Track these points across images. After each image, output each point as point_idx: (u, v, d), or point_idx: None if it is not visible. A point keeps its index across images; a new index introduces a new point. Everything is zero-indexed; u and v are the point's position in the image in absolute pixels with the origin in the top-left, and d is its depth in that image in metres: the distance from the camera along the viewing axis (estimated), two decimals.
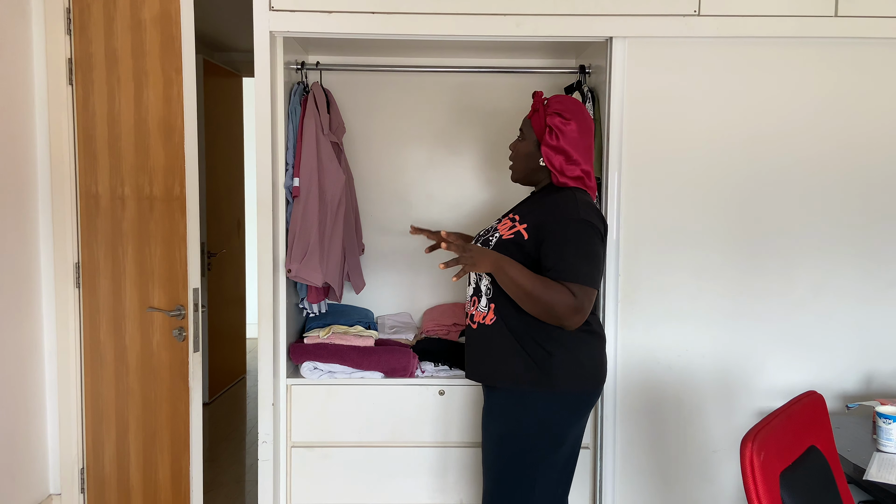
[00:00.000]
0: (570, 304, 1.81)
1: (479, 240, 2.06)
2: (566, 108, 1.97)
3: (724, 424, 2.50)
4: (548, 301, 1.81)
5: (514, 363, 1.93)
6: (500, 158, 2.94)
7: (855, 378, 2.50)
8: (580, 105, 2.01)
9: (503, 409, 1.97)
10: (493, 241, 1.98)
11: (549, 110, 1.97)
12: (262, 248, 2.41)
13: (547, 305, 1.82)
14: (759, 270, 2.46)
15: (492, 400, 2.02)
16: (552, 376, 1.90)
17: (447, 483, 2.57)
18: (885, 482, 1.82)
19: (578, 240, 1.86)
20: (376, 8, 2.32)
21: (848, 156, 2.44)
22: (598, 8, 2.33)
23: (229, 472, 3.49)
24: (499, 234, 1.98)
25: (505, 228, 1.98)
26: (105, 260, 2.60)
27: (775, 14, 2.34)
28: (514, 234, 1.94)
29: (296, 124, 2.50)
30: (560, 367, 1.91)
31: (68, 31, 2.55)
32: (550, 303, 1.81)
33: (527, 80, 2.88)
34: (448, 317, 2.85)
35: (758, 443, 1.37)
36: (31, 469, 2.62)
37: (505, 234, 1.96)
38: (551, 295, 1.81)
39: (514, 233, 1.94)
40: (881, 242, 2.47)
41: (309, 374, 2.53)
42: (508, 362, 1.94)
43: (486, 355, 1.99)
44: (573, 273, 1.83)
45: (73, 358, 2.64)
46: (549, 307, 1.82)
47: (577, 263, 1.84)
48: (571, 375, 1.92)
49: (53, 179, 2.58)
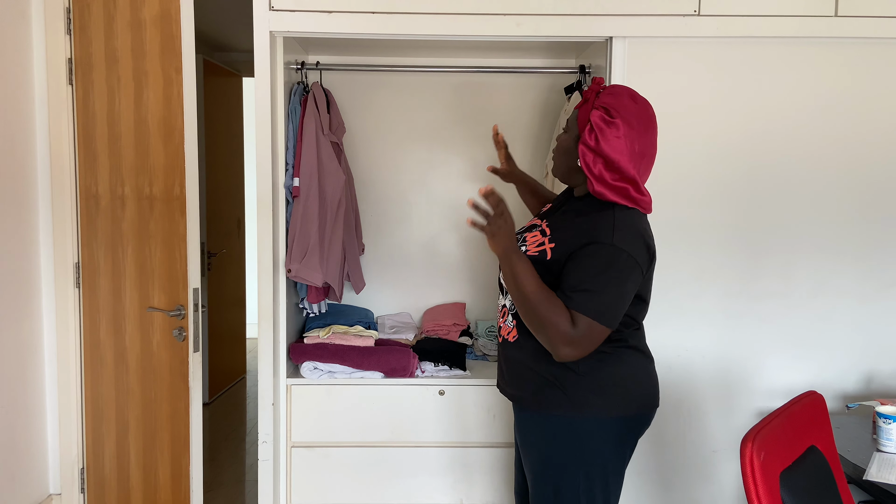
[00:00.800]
0: (565, 333, 1.58)
1: None
2: (617, 103, 1.65)
3: (724, 424, 2.50)
4: (542, 317, 1.60)
5: (536, 384, 1.74)
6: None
7: (855, 378, 2.50)
8: (639, 101, 1.69)
9: (532, 433, 1.79)
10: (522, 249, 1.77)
11: (596, 102, 1.67)
12: (262, 248, 2.41)
13: (540, 321, 1.61)
14: (760, 270, 2.46)
15: (522, 421, 1.83)
16: (580, 399, 1.70)
17: (447, 483, 2.57)
18: (885, 482, 1.82)
19: (604, 270, 1.60)
20: (376, 8, 2.32)
21: (848, 155, 2.44)
22: (598, 8, 2.33)
23: (229, 472, 3.49)
24: (525, 247, 1.76)
25: (533, 243, 1.75)
26: (105, 260, 2.60)
27: (775, 14, 2.34)
28: (538, 253, 1.71)
29: (296, 124, 2.50)
30: (591, 388, 1.70)
31: (68, 31, 2.55)
32: (544, 320, 1.60)
33: (527, 79, 2.88)
34: (448, 317, 2.85)
35: (758, 443, 1.37)
36: (31, 469, 2.62)
37: (531, 250, 1.73)
38: (548, 313, 1.59)
39: (539, 251, 1.71)
40: (881, 242, 2.47)
41: (309, 374, 2.53)
42: (531, 383, 1.75)
43: (511, 374, 1.82)
44: (583, 304, 1.59)
45: (73, 358, 2.64)
46: (542, 324, 1.61)
47: (593, 296, 1.59)
48: (604, 398, 1.70)
49: (53, 179, 2.58)
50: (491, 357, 2.80)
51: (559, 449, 1.73)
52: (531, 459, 1.80)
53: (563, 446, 1.72)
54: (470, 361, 2.73)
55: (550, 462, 1.74)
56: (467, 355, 2.77)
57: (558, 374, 1.71)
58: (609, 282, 1.60)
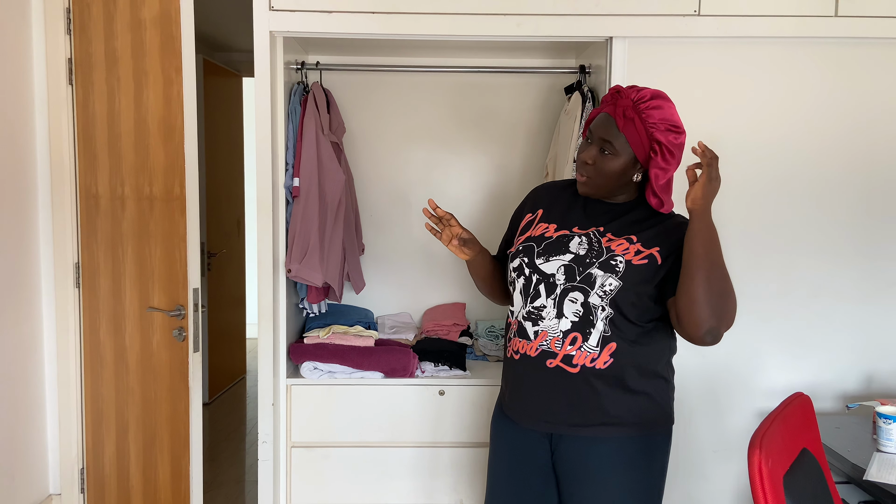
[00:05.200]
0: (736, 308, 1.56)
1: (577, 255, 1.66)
2: (671, 115, 1.63)
3: (724, 424, 2.50)
4: (727, 289, 1.53)
5: (636, 404, 1.65)
6: (500, 158, 2.94)
7: (855, 378, 2.50)
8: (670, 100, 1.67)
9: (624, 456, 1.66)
10: (619, 265, 1.62)
11: (649, 121, 1.61)
12: (262, 248, 2.41)
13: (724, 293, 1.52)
14: (759, 270, 2.46)
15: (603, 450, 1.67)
16: (669, 407, 1.71)
17: (447, 483, 2.57)
18: (885, 482, 1.82)
19: None
20: (376, 8, 2.32)
21: (848, 155, 2.44)
22: (598, 8, 2.33)
23: (229, 472, 3.49)
24: (621, 258, 1.62)
25: (629, 252, 1.63)
26: (105, 260, 2.60)
27: (775, 14, 2.33)
28: (647, 259, 1.62)
29: (296, 124, 2.50)
30: (671, 395, 1.72)
31: (68, 31, 2.55)
32: (729, 292, 1.53)
33: (527, 79, 2.88)
34: (448, 317, 2.85)
35: (765, 450, 1.36)
36: (30, 469, 2.62)
37: (635, 260, 1.62)
38: (731, 285, 1.54)
39: (646, 257, 1.62)
40: (881, 242, 2.47)
41: (309, 375, 2.53)
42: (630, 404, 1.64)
43: (593, 402, 1.64)
44: None
45: (73, 358, 2.64)
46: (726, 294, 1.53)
47: None
48: (671, 406, 1.73)
49: (53, 179, 2.58)
50: (491, 357, 2.80)
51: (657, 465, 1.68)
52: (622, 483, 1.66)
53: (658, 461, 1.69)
54: (470, 362, 2.73)
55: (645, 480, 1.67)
56: (467, 355, 2.77)
57: (652, 386, 1.66)
58: None
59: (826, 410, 2.49)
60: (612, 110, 1.63)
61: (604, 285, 1.60)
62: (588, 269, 1.62)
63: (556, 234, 1.71)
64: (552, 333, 1.64)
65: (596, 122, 1.67)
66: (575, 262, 1.64)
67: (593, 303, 1.61)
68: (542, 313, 1.65)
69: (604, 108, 1.67)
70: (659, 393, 1.68)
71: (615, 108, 1.63)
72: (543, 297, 1.65)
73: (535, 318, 1.67)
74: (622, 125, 1.61)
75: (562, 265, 1.65)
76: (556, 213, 1.77)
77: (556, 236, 1.71)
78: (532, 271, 1.68)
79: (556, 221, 1.75)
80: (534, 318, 1.67)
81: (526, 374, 1.69)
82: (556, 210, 1.78)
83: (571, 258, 1.65)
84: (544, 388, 1.67)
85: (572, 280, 1.63)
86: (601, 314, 1.61)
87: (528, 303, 1.68)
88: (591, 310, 1.61)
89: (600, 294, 1.60)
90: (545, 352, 1.65)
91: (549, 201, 1.82)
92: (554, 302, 1.64)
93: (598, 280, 1.61)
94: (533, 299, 1.67)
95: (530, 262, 1.70)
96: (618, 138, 1.62)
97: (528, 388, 1.70)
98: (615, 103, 1.64)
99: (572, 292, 1.62)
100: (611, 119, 1.63)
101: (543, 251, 1.69)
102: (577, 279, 1.63)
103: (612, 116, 1.63)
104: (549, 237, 1.72)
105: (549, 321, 1.64)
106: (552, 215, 1.77)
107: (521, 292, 1.70)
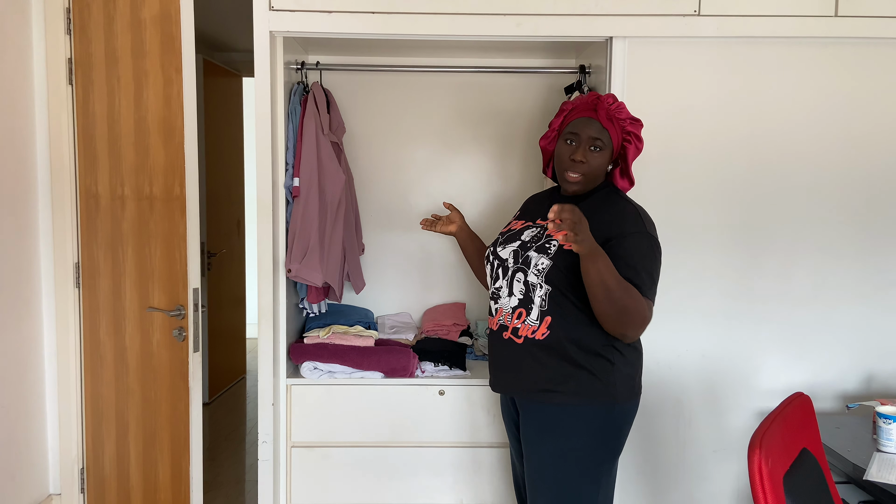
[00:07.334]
0: (644, 316, 1.74)
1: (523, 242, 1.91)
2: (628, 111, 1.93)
3: (723, 424, 2.50)
4: (627, 305, 1.71)
5: (574, 377, 1.83)
6: (500, 158, 2.94)
7: (855, 378, 2.50)
8: None
9: (561, 424, 1.86)
10: (552, 248, 1.83)
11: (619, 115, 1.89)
12: (262, 248, 2.41)
13: (625, 309, 1.71)
14: (759, 270, 2.46)
15: (542, 416, 1.89)
16: (613, 387, 1.83)
17: (447, 483, 2.57)
18: (885, 482, 1.82)
19: (650, 257, 1.80)
20: (376, 8, 2.32)
21: (848, 155, 2.44)
22: (598, 8, 2.33)
23: (229, 472, 3.49)
24: (555, 242, 1.83)
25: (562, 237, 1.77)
26: (105, 260, 2.60)
27: (775, 14, 2.34)
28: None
29: (296, 124, 2.50)
30: (619, 377, 1.84)
31: (68, 31, 2.55)
32: (629, 308, 1.71)
33: (527, 79, 2.88)
34: (448, 317, 2.85)
35: (765, 450, 1.36)
36: (31, 469, 2.62)
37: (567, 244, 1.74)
38: (632, 300, 1.71)
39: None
40: (881, 242, 2.47)
41: (309, 374, 2.53)
42: (568, 376, 1.83)
43: (535, 371, 1.86)
44: (648, 290, 1.77)
45: (73, 358, 2.64)
46: (626, 311, 1.72)
47: (650, 281, 1.78)
48: (627, 386, 1.86)
49: (53, 179, 2.58)
50: None
51: (594, 434, 1.85)
52: (556, 448, 1.86)
53: (596, 431, 1.85)
54: (470, 361, 2.73)
55: (580, 447, 1.85)
56: (467, 355, 2.77)
57: (595, 363, 1.83)
58: (654, 268, 1.82)
59: (826, 410, 2.49)
60: (594, 114, 1.88)
61: (537, 265, 1.83)
62: (527, 252, 1.87)
63: (519, 227, 1.99)
64: (506, 310, 1.91)
65: (579, 125, 1.90)
66: (521, 247, 1.90)
67: (531, 281, 1.84)
68: (500, 293, 1.92)
69: (583, 112, 1.90)
70: (602, 373, 1.83)
71: (597, 112, 1.88)
72: (500, 278, 1.92)
73: (496, 297, 1.94)
74: (606, 124, 1.88)
75: (512, 250, 1.91)
76: (531, 213, 2.04)
77: (518, 228, 1.99)
78: (494, 257, 1.96)
79: (525, 218, 2.03)
80: (495, 297, 1.94)
81: (493, 346, 1.98)
82: (533, 211, 2.04)
83: (519, 244, 1.92)
84: (502, 357, 1.94)
85: (517, 262, 1.88)
86: (539, 291, 1.84)
87: (492, 284, 1.96)
88: (531, 287, 1.85)
89: (535, 273, 1.83)
90: (502, 326, 1.92)
91: (533, 209, 2.06)
92: (507, 282, 1.90)
93: (533, 260, 1.84)
94: (494, 281, 1.95)
95: (493, 251, 1.98)
96: (604, 134, 1.88)
97: (493, 358, 1.99)
98: (596, 108, 1.89)
99: (518, 273, 1.87)
100: (593, 120, 1.88)
101: (503, 241, 1.97)
102: (520, 261, 1.88)
103: (594, 118, 1.88)
104: (512, 230, 1.99)
105: (504, 299, 1.91)
106: (526, 215, 2.05)
107: (489, 276, 1.98)
